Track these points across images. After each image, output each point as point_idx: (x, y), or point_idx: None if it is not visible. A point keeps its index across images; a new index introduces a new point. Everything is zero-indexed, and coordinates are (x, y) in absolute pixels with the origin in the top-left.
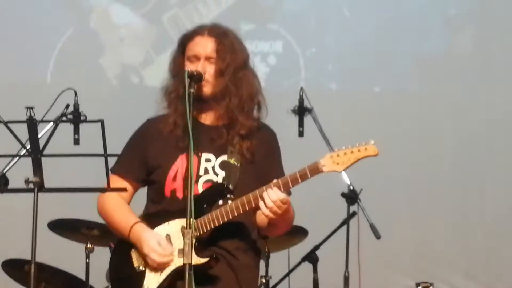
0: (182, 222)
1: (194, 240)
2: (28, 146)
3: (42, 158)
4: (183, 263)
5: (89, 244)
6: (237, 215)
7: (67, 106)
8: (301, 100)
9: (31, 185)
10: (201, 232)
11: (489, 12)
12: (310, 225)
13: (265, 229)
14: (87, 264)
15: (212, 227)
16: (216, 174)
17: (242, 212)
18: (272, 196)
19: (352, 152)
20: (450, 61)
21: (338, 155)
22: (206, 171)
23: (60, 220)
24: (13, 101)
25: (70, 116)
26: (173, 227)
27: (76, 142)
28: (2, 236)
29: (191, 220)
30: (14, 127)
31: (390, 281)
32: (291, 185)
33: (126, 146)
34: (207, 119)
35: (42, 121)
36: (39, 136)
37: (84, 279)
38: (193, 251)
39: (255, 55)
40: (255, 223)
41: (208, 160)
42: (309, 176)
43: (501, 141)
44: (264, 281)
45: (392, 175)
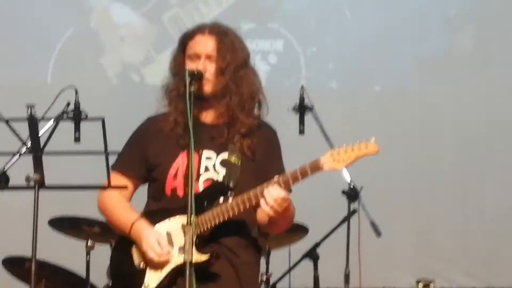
0: (183, 219)
1: (194, 237)
2: (29, 144)
3: (43, 156)
4: (183, 261)
5: (89, 241)
6: (237, 212)
7: (68, 104)
8: (302, 98)
9: (31, 183)
10: (201, 230)
11: (489, 12)
12: (311, 223)
13: (266, 227)
14: (88, 262)
15: (213, 224)
16: (216, 172)
17: (242, 209)
18: (272, 194)
19: (352, 149)
20: (450, 60)
21: (338, 152)
22: (207, 169)
23: (61, 217)
24: (13, 101)
25: (71, 114)
26: (174, 224)
27: (77, 140)
28: (2, 233)
29: (192, 217)
30: (15, 125)
31: (390, 278)
32: (292, 183)
33: (127, 144)
34: (208, 117)
35: (43, 119)
36: (39, 134)
37: (85, 277)
38: (193, 249)
39: (255, 54)
40: (256, 220)
41: (208, 158)
42: (310, 174)
43: (501, 140)
44: (265, 278)
45: (392, 173)
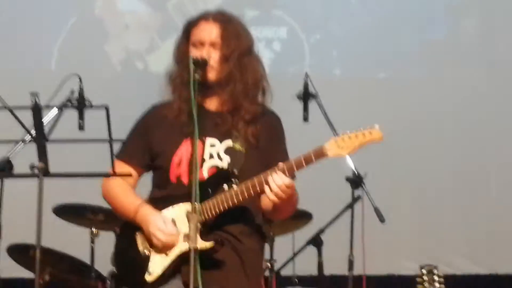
0: (187, 206)
1: (199, 224)
2: (33, 132)
3: (47, 143)
4: (188, 248)
5: (94, 229)
6: (242, 199)
7: (72, 92)
8: (306, 86)
9: (36, 171)
10: (206, 217)
11: None
12: (315, 209)
13: (270, 213)
14: (92, 249)
15: (217, 211)
16: (220, 159)
17: (247, 196)
18: (277, 181)
19: (356, 136)
20: (454, 46)
21: (343, 139)
22: (211, 156)
23: (65, 205)
24: (17, 88)
25: (75, 102)
26: (178, 211)
27: (81, 128)
28: (7, 221)
29: (196, 204)
30: (19, 113)
31: (394, 264)
32: (296, 169)
33: (131, 132)
34: (212, 105)
35: (47, 107)
36: (43, 122)
37: (89, 264)
38: (198, 236)
39: (259, 41)
40: (260, 207)
41: (212, 145)
42: (314, 160)
43: (506, 127)
44: (269, 264)
45: (396, 159)
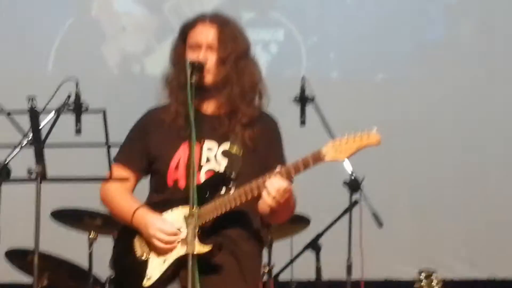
0: (185, 210)
1: (197, 229)
2: (30, 136)
3: (45, 148)
4: (186, 252)
5: (92, 233)
6: (239, 203)
7: (69, 96)
8: (303, 89)
9: (33, 175)
10: (203, 221)
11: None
12: (313, 214)
13: (267, 217)
14: (90, 254)
15: (215, 216)
16: (218, 162)
17: (244, 200)
18: (274, 184)
19: (354, 140)
20: (452, 48)
21: (340, 143)
22: (208, 160)
23: (63, 209)
24: (14, 91)
25: (72, 106)
26: (176, 215)
27: (78, 131)
28: (5, 226)
29: (194, 208)
30: (16, 117)
31: (392, 268)
32: (294, 174)
33: (128, 136)
34: (209, 108)
35: (44, 110)
36: (41, 126)
37: (88, 268)
38: (196, 240)
39: (256, 44)
40: (258, 211)
41: (210, 149)
42: (312, 164)
43: (503, 129)
44: (267, 269)
45: (394, 163)
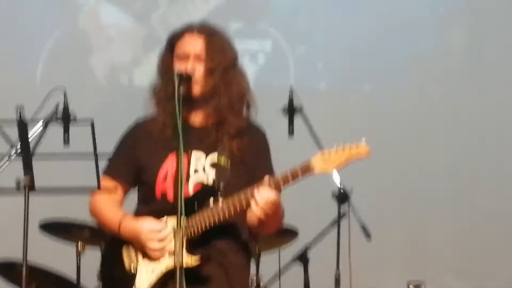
0: (173, 222)
1: (184, 240)
2: (18, 147)
3: (33, 158)
4: (174, 264)
5: (80, 245)
6: (228, 215)
7: (57, 106)
8: (291, 100)
9: (21, 186)
10: (191, 233)
11: (480, 8)
12: (301, 226)
13: (255, 228)
14: (78, 265)
15: (203, 227)
16: (206, 173)
17: (233, 212)
18: (263, 196)
19: (343, 151)
20: (441, 59)
21: (329, 154)
22: (196, 171)
23: (51, 221)
24: (2, 101)
25: (60, 116)
26: None
27: (66, 141)
28: None
29: (182, 220)
30: (4, 127)
31: (381, 280)
32: (282, 185)
33: (116, 148)
34: (196, 119)
35: (32, 121)
36: (29, 136)
37: (76, 280)
38: (184, 252)
39: (244, 54)
40: (246, 222)
41: (198, 160)
42: (300, 175)
43: (493, 140)
44: (255, 281)
45: (383, 174)
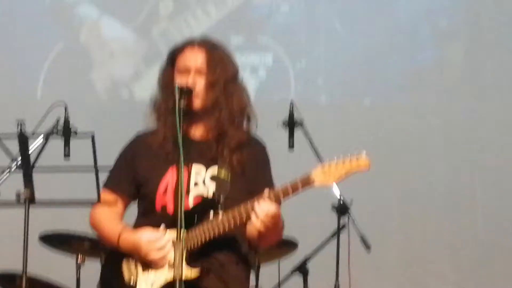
0: (173, 234)
1: (184, 253)
2: (19, 160)
3: (33, 171)
4: (173, 276)
5: (80, 257)
6: (227, 228)
7: (58, 120)
8: (291, 113)
9: (22, 199)
10: (191, 246)
11: (479, 23)
12: (301, 237)
13: (255, 241)
14: (78, 277)
15: (203, 240)
16: (206, 187)
17: (233, 225)
18: (263, 208)
19: (343, 164)
20: (441, 72)
21: (329, 167)
22: (196, 184)
23: (51, 233)
24: (3, 116)
25: (61, 130)
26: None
27: (67, 155)
28: None
29: (182, 233)
30: (4, 141)
31: None
32: (282, 197)
33: (117, 161)
34: (197, 133)
35: (33, 135)
36: (29, 150)
37: None
38: (184, 264)
39: (244, 68)
40: (246, 235)
41: (198, 173)
42: (301, 188)
43: (493, 154)
44: None
45: (383, 186)
